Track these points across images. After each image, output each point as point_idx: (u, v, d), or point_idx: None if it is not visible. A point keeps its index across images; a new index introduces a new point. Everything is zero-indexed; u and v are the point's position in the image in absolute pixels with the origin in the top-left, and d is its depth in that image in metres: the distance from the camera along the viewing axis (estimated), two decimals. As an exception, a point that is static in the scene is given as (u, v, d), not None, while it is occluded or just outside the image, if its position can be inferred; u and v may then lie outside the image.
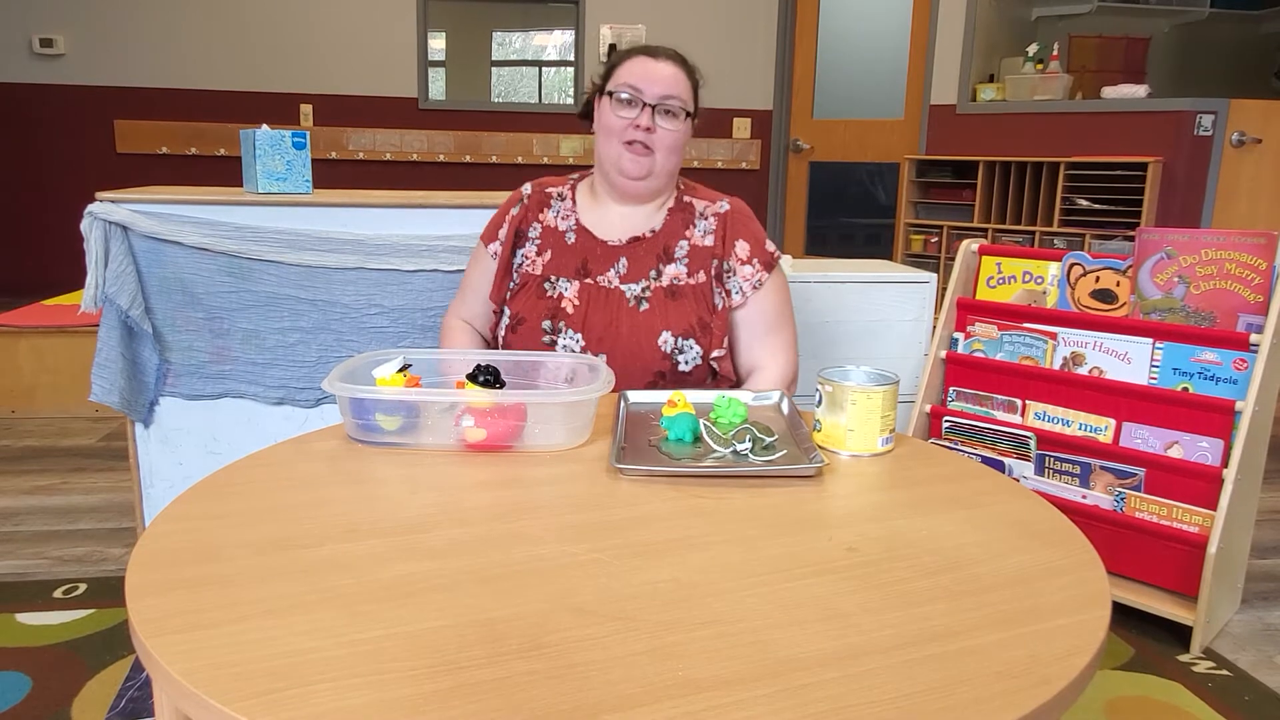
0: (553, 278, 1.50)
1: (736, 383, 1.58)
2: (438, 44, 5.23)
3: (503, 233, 1.56)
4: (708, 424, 1.09)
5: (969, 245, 2.07)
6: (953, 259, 2.10)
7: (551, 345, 1.45)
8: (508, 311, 1.51)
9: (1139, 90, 4.11)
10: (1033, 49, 4.39)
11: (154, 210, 1.83)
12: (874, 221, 5.14)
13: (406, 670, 0.60)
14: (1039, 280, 1.98)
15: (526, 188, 1.59)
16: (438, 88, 5.26)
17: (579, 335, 1.45)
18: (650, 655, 0.63)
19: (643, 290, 1.47)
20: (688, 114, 1.50)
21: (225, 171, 4.96)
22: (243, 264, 1.86)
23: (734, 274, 1.49)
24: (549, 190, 1.58)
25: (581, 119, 1.61)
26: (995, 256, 2.04)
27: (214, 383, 1.92)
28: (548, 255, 1.52)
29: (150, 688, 1.51)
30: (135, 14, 4.85)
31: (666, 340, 1.43)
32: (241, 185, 2.03)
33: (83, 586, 1.89)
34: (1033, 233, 4.08)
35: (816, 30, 5.20)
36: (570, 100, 5.36)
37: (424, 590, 0.71)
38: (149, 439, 1.94)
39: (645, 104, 1.46)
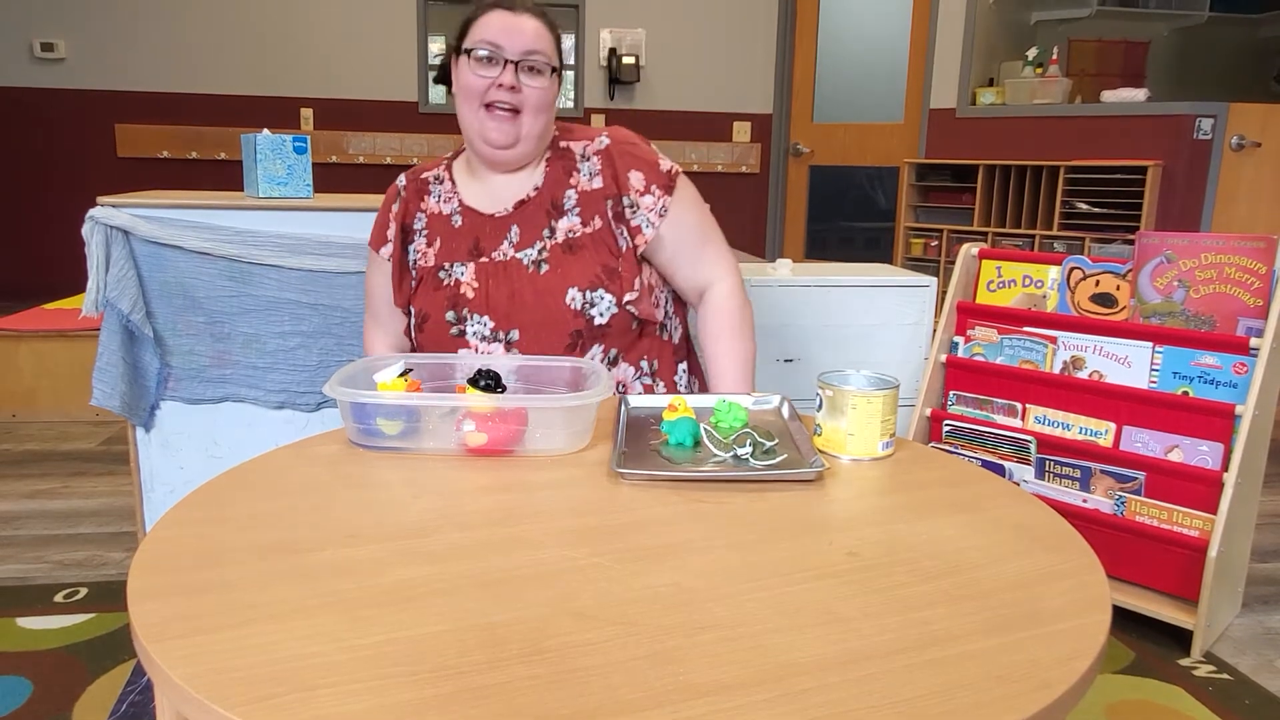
0: (446, 265, 1.42)
1: (681, 309, 1.53)
2: (438, 48, 5.24)
3: (390, 232, 1.49)
4: (708, 428, 1.09)
5: (969, 249, 2.07)
6: (953, 263, 2.10)
7: (461, 336, 1.39)
8: (413, 310, 1.44)
9: (1138, 94, 4.11)
10: (1032, 53, 4.40)
11: (155, 214, 1.84)
12: (874, 225, 5.14)
13: (407, 675, 0.61)
14: (1039, 284, 1.99)
15: (401, 180, 1.52)
16: (438, 91, 5.26)
17: (485, 318, 1.38)
18: (650, 660, 0.63)
19: (539, 253, 1.39)
20: (553, 69, 1.41)
21: (226, 176, 4.97)
22: (244, 268, 1.87)
23: (637, 209, 1.41)
24: (424, 176, 1.51)
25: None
26: (995, 260, 2.04)
27: (215, 387, 1.92)
28: (437, 244, 1.44)
29: (151, 692, 1.51)
30: (136, 18, 4.87)
31: (575, 297, 1.36)
32: (242, 189, 2.03)
33: (84, 591, 1.89)
34: (1032, 236, 4.09)
35: (816, 34, 5.21)
36: (571, 105, 5.37)
37: (425, 595, 0.71)
38: (150, 443, 1.94)
39: (507, 61, 1.36)
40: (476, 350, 1.38)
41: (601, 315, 1.37)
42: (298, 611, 0.68)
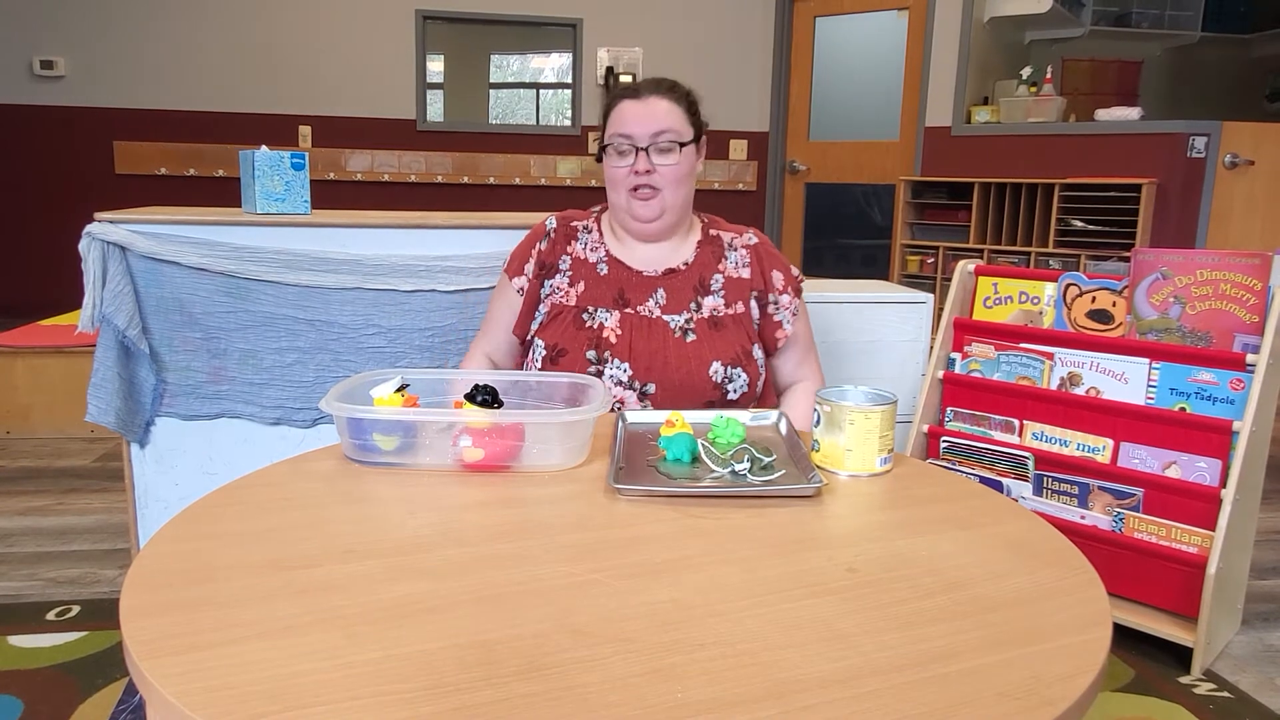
0: (590, 308, 1.49)
1: (775, 398, 1.63)
2: (436, 66, 5.27)
3: (529, 267, 1.55)
4: (706, 444, 1.09)
5: (965, 266, 2.07)
6: (949, 279, 2.10)
7: (598, 375, 1.44)
8: (541, 343, 1.49)
9: (1132, 113, 4.14)
10: (1026, 72, 4.43)
11: (152, 230, 1.84)
12: (870, 242, 5.16)
13: (404, 692, 0.60)
14: (1035, 300, 1.99)
15: (550, 221, 1.58)
16: (436, 109, 5.29)
17: (625, 364, 1.44)
18: (649, 677, 0.62)
19: (686, 322, 1.49)
20: (683, 144, 1.49)
21: (224, 192, 4.97)
22: (240, 284, 1.86)
23: (778, 306, 1.55)
24: (574, 224, 1.58)
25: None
26: (991, 277, 2.04)
27: (211, 403, 1.91)
28: (581, 286, 1.52)
29: (143, 711, 1.49)
30: (135, 36, 4.89)
31: (717, 370, 1.45)
32: (240, 206, 2.03)
33: (76, 608, 1.88)
34: (1028, 253, 4.10)
35: (812, 52, 5.24)
36: (568, 122, 5.40)
37: (421, 611, 0.71)
38: (145, 459, 1.93)
39: (638, 149, 1.47)
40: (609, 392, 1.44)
41: (734, 393, 1.47)
42: (292, 628, 0.68)
